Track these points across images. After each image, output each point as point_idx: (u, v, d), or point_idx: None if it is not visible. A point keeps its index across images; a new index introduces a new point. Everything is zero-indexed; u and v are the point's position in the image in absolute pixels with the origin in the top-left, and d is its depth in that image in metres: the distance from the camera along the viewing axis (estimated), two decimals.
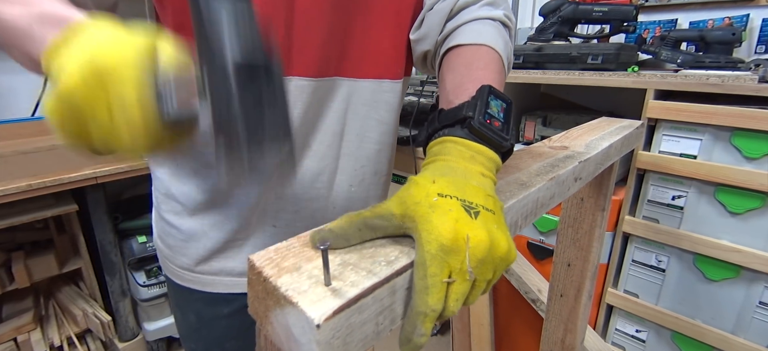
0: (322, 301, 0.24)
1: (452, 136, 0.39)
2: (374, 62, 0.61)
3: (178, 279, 0.69)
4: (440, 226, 0.29)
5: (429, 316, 0.28)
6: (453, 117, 0.40)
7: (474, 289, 0.31)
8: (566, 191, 0.51)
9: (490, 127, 0.38)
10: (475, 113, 0.39)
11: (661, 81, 1.09)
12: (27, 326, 1.53)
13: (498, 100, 0.41)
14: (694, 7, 1.47)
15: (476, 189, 0.34)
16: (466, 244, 0.29)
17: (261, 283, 0.28)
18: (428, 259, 0.28)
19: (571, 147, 0.60)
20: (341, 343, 0.24)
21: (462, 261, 0.29)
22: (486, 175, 0.37)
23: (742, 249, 1.04)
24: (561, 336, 0.89)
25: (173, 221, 0.65)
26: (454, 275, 0.29)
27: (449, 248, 0.29)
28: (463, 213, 0.31)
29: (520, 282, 1.42)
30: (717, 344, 1.13)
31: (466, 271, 0.29)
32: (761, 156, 0.99)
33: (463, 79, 0.49)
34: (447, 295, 0.29)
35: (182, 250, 0.66)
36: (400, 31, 0.62)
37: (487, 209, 0.32)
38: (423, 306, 0.28)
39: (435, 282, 0.28)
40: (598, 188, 0.78)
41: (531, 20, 1.93)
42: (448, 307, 0.29)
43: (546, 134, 1.42)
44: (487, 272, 0.31)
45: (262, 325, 0.28)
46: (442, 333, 2.05)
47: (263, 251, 0.30)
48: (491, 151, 0.38)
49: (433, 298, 0.28)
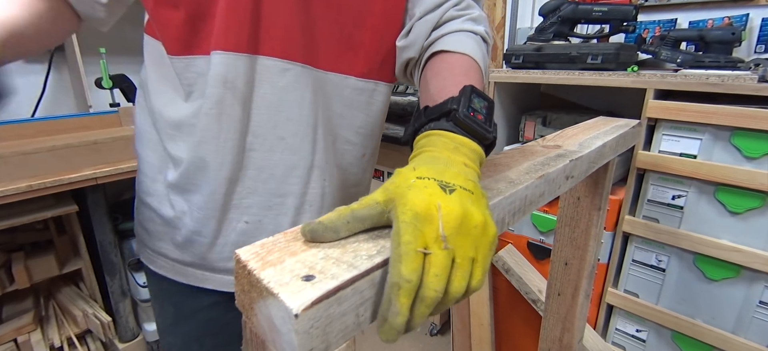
0: (302, 292, 0.24)
1: (437, 129, 0.40)
2: (352, 59, 0.62)
3: (156, 266, 0.70)
4: (414, 198, 0.31)
5: (403, 287, 0.27)
6: (439, 111, 0.42)
7: (457, 268, 0.30)
8: (557, 189, 0.51)
9: (474, 119, 0.41)
10: (460, 106, 0.41)
11: (661, 81, 1.09)
12: (27, 327, 1.53)
13: (480, 98, 0.43)
14: (693, 7, 1.47)
15: (456, 173, 0.35)
16: (438, 212, 0.30)
17: (246, 276, 0.28)
18: (402, 228, 0.29)
19: (564, 146, 0.60)
20: (321, 333, 0.24)
21: (436, 230, 0.29)
22: (469, 165, 0.38)
23: (742, 248, 1.04)
24: (559, 334, 0.89)
25: (154, 205, 0.66)
26: (429, 247, 0.29)
27: (422, 216, 0.29)
28: (438, 189, 0.32)
29: (520, 282, 1.42)
30: (717, 344, 1.13)
31: (441, 239, 0.29)
32: (761, 155, 0.99)
33: (446, 81, 0.52)
34: (425, 269, 0.28)
35: (161, 236, 0.67)
36: (383, 35, 0.63)
37: (464, 189, 0.33)
38: (396, 276, 0.27)
39: (408, 250, 0.28)
40: (594, 187, 0.78)
41: (531, 20, 1.93)
42: (428, 284, 0.28)
43: (546, 134, 1.42)
44: (466, 246, 0.30)
45: (248, 317, 0.29)
46: (442, 333, 2.05)
47: (250, 246, 0.31)
48: (475, 142, 0.40)
49: (406, 266, 0.27)
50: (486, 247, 0.32)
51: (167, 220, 0.65)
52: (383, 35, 0.63)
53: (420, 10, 0.61)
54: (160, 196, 0.65)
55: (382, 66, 0.66)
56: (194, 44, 0.56)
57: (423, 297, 0.28)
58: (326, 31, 0.59)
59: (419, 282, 0.28)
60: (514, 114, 1.59)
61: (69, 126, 1.59)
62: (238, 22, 0.54)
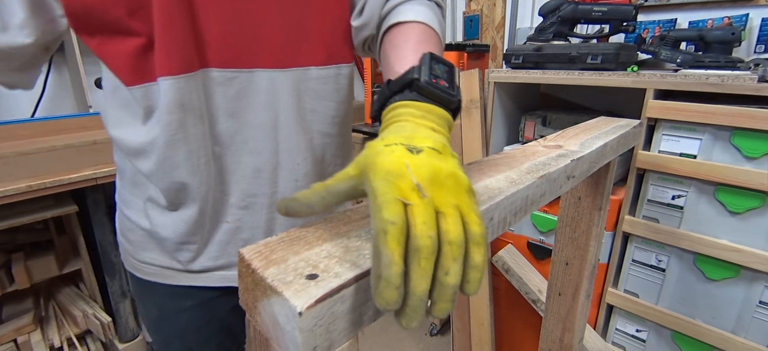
0: (306, 290, 0.24)
1: (402, 101, 0.41)
2: (309, 50, 0.61)
3: (140, 273, 0.70)
4: (383, 161, 0.31)
5: (389, 231, 0.26)
6: (401, 82, 0.42)
7: (443, 216, 0.28)
8: (558, 189, 0.51)
9: (436, 85, 0.41)
10: (421, 75, 0.41)
11: (661, 81, 1.09)
12: (27, 327, 1.53)
13: (441, 64, 0.44)
14: (693, 7, 1.47)
15: (423, 137, 0.35)
16: (407, 169, 0.31)
17: (250, 274, 0.28)
18: (376, 186, 0.29)
19: (565, 146, 0.61)
20: (324, 331, 0.24)
21: (409, 181, 0.30)
22: (437, 130, 0.39)
23: (742, 249, 1.04)
24: (559, 335, 0.89)
25: (134, 218, 0.66)
26: (408, 198, 0.28)
27: (394, 172, 0.30)
28: (405, 151, 0.33)
29: (521, 282, 1.42)
30: (717, 344, 1.13)
31: (417, 188, 0.29)
32: (761, 155, 0.99)
33: (405, 51, 0.53)
34: (411, 221, 0.27)
35: (143, 245, 0.67)
36: (334, 16, 0.63)
37: (432, 148, 0.34)
38: (379, 222, 0.27)
39: (386, 199, 0.28)
40: (595, 187, 0.78)
41: (531, 20, 1.94)
42: (418, 234, 0.26)
43: (546, 134, 1.42)
44: (445, 195, 0.30)
45: (251, 316, 0.29)
46: (442, 333, 2.05)
47: (253, 245, 0.31)
48: (440, 108, 0.41)
49: (388, 211, 0.27)
50: (465, 195, 0.31)
51: (149, 232, 0.65)
52: (334, 16, 0.63)
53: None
54: (138, 209, 0.65)
55: (341, 47, 0.65)
56: (148, 71, 0.55)
57: (418, 247, 0.26)
58: (272, 28, 0.59)
59: (406, 228, 0.27)
60: (514, 114, 1.59)
61: (69, 126, 1.59)
62: (178, 43, 0.53)
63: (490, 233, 0.39)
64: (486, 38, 2.13)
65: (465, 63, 1.78)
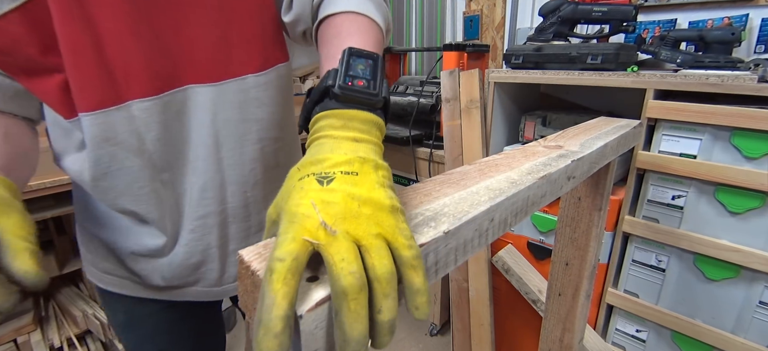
0: (306, 293, 0.24)
1: (323, 111, 0.38)
2: (242, 57, 0.58)
3: (102, 283, 0.68)
4: (290, 203, 0.29)
5: (275, 269, 0.23)
6: (319, 91, 0.39)
7: (367, 249, 0.26)
8: (559, 190, 0.51)
9: (353, 88, 0.38)
10: (336, 80, 0.38)
11: (661, 81, 1.09)
12: (27, 327, 1.53)
13: (361, 59, 0.40)
14: (693, 7, 1.47)
15: (337, 160, 0.32)
16: (314, 208, 0.28)
17: (249, 276, 0.28)
18: (281, 228, 0.27)
19: (565, 146, 0.60)
20: (324, 334, 0.24)
21: (316, 221, 0.27)
22: (360, 139, 0.36)
23: (741, 249, 1.04)
24: (559, 335, 0.89)
25: (93, 229, 0.65)
26: (316, 237, 0.26)
27: (300, 213, 0.28)
28: (314, 184, 0.30)
29: (521, 282, 1.42)
30: (717, 344, 1.13)
31: (323, 226, 0.27)
32: (761, 156, 0.99)
33: (334, 49, 0.48)
34: (327, 261, 0.25)
35: (104, 256, 0.66)
36: (262, 17, 0.59)
37: (345, 172, 0.31)
38: (268, 261, 0.25)
39: (284, 239, 0.26)
40: (595, 188, 0.78)
41: (530, 20, 1.94)
42: (336, 273, 0.24)
43: (546, 134, 1.42)
44: (363, 226, 0.27)
45: (251, 319, 0.29)
46: (442, 333, 2.05)
47: (253, 246, 0.31)
48: (364, 111, 0.37)
49: (279, 249, 0.25)
50: (387, 217, 0.29)
51: (108, 243, 0.64)
52: (261, 18, 0.59)
53: None
54: (97, 219, 0.64)
55: (275, 48, 0.62)
56: (73, 106, 0.52)
57: (342, 289, 0.24)
58: (198, 44, 0.55)
59: (300, 267, 0.24)
60: (514, 114, 1.59)
61: None
62: (91, 79, 0.50)
63: (491, 234, 0.39)
64: (486, 38, 2.13)
65: (465, 63, 1.78)
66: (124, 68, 0.51)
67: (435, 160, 1.82)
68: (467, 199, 0.38)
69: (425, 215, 0.35)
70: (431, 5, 2.35)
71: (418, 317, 0.26)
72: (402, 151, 1.91)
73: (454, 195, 0.39)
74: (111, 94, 0.51)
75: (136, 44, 0.51)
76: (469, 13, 2.17)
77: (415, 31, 2.49)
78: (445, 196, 0.39)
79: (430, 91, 1.88)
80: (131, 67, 0.52)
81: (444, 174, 0.46)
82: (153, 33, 0.52)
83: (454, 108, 1.58)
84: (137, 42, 0.51)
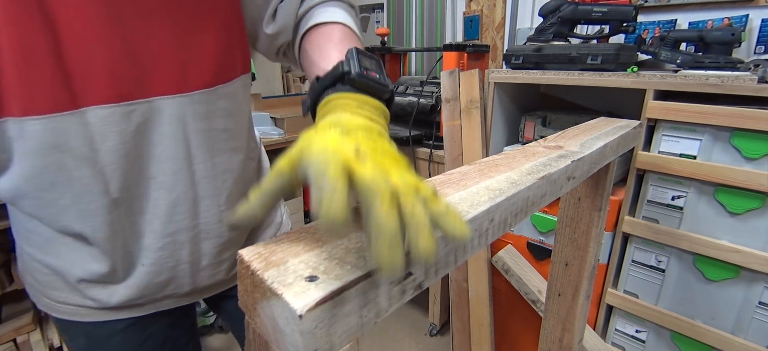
0: (306, 293, 0.24)
1: (336, 93, 0.39)
2: (192, 73, 0.55)
3: (57, 313, 0.64)
4: (319, 141, 0.30)
5: (331, 162, 0.27)
6: (332, 77, 0.41)
7: (390, 174, 0.28)
8: (559, 190, 0.51)
9: (368, 77, 0.40)
10: (352, 67, 0.40)
11: (661, 81, 1.09)
12: (26, 327, 1.53)
13: (368, 58, 0.43)
14: (693, 8, 1.47)
15: (357, 122, 0.35)
16: (344, 145, 0.30)
17: (249, 276, 0.28)
18: (313, 159, 0.28)
19: (565, 146, 0.60)
20: (325, 334, 0.24)
21: (347, 151, 0.29)
22: (374, 120, 0.38)
23: (741, 249, 1.04)
24: (559, 335, 0.89)
25: (38, 255, 0.60)
26: (349, 163, 0.28)
27: (330, 149, 0.29)
28: (340, 132, 0.33)
29: (520, 283, 1.42)
30: (717, 344, 1.13)
31: (356, 152, 0.29)
32: (761, 156, 0.99)
33: (329, 50, 0.52)
34: (359, 180, 0.27)
35: (52, 284, 0.62)
36: (232, 29, 0.59)
37: (367, 131, 0.34)
38: (320, 165, 0.27)
39: (327, 160, 0.28)
40: (595, 188, 0.78)
41: (530, 20, 1.94)
42: (369, 183, 0.26)
43: (545, 134, 1.42)
44: (387, 161, 0.30)
45: (251, 318, 0.29)
46: (442, 333, 2.05)
47: (252, 246, 0.31)
48: (375, 99, 0.40)
49: (332, 167, 0.27)
50: (406, 169, 0.30)
51: (55, 269, 0.60)
52: (233, 28, 0.58)
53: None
54: (40, 244, 0.59)
55: (242, 57, 0.62)
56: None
57: (375, 192, 0.26)
58: (165, 51, 0.52)
59: (349, 171, 0.27)
60: (514, 114, 1.59)
61: None
62: (40, 82, 0.46)
63: (491, 234, 0.39)
64: (486, 38, 2.13)
65: (465, 63, 1.78)
66: (84, 73, 0.48)
67: (435, 161, 1.82)
68: (467, 199, 0.38)
69: None
70: (431, 5, 2.35)
71: (446, 229, 0.27)
72: (402, 151, 1.91)
73: (454, 195, 0.39)
74: (65, 99, 0.48)
75: (100, 49, 0.48)
76: (469, 14, 2.17)
77: (415, 31, 2.49)
78: (445, 196, 0.39)
79: (430, 91, 1.88)
80: (92, 72, 0.48)
81: (444, 174, 0.46)
82: (120, 39, 0.49)
83: (454, 108, 1.58)
84: (102, 47, 0.48)
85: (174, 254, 0.61)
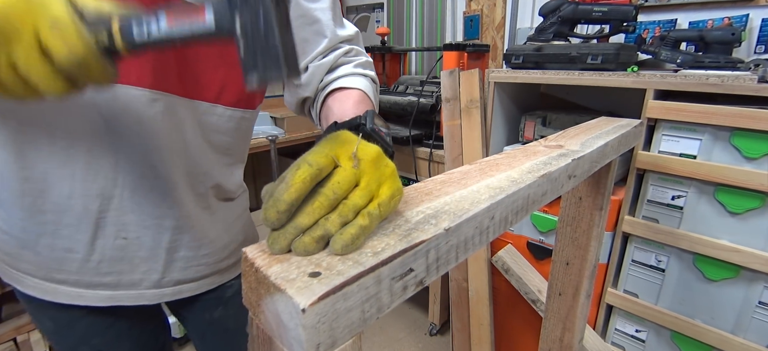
0: (309, 288, 0.24)
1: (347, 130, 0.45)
2: (240, 91, 0.65)
3: (22, 286, 0.65)
4: (333, 135, 0.37)
5: (301, 167, 0.31)
6: (348, 124, 0.47)
7: (359, 189, 0.33)
8: (559, 188, 0.51)
9: (379, 132, 0.46)
10: (367, 121, 0.47)
11: (661, 81, 1.10)
12: (26, 326, 1.53)
13: (380, 121, 0.49)
14: (693, 7, 1.48)
15: (370, 146, 0.39)
16: (356, 143, 0.36)
17: (253, 273, 0.28)
18: (320, 142, 0.35)
19: (566, 145, 0.61)
20: (327, 328, 0.25)
21: (350, 149, 0.35)
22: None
23: (741, 249, 1.04)
24: (559, 334, 0.89)
25: (5, 227, 0.62)
26: (340, 160, 0.33)
27: (343, 138, 0.36)
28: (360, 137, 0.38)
29: (520, 282, 1.42)
30: (717, 344, 1.13)
31: (352, 158, 0.34)
32: (761, 156, 0.99)
33: (347, 106, 0.61)
34: (331, 176, 0.32)
35: (21, 257, 0.62)
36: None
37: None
38: (300, 160, 0.31)
39: (320, 149, 0.33)
40: (596, 187, 0.78)
41: (530, 20, 1.94)
42: (330, 183, 0.31)
43: (545, 134, 1.42)
44: (374, 176, 0.34)
45: (255, 314, 0.29)
46: (442, 333, 2.05)
47: (256, 244, 0.31)
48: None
49: (314, 156, 0.32)
50: (391, 183, 0.35)
51: (24, 240, 0.61)
52: None
53: (313, 52, 0.67)
54: (7, 209, 0.60)
55: (260, 96, 0.72)
56: None
57: (318, 193, 0.31)
58: (209, 62, 0.60)
59: (319, 177, 0.31)
60: (514, 114, 1.59)
61: None
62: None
63: (492, 232, 0.39)
64: (486, 38, 2.13)
65: (465, 63, 1.78)
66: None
67: (435, 160, 1.82)
68: (468, 198, 0.38)
69: (426, 213, 0.36)
70: (431, 5, 2.35)
71: (334, 246, 0.30)
72: (402, 151, 1.91)
73: (455, 193, 0.40)
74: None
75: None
76: (469, 13, 2.17)
77: (415, 31, 2.49)
78: (446, 194, 0.40)
79: (430, 91, 1.88)
80: (145, 55, 0.54)
81: (445, 173, 0.47)
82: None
83: (454, 108, 1.58)
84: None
85: (157, 236, 0.64)
